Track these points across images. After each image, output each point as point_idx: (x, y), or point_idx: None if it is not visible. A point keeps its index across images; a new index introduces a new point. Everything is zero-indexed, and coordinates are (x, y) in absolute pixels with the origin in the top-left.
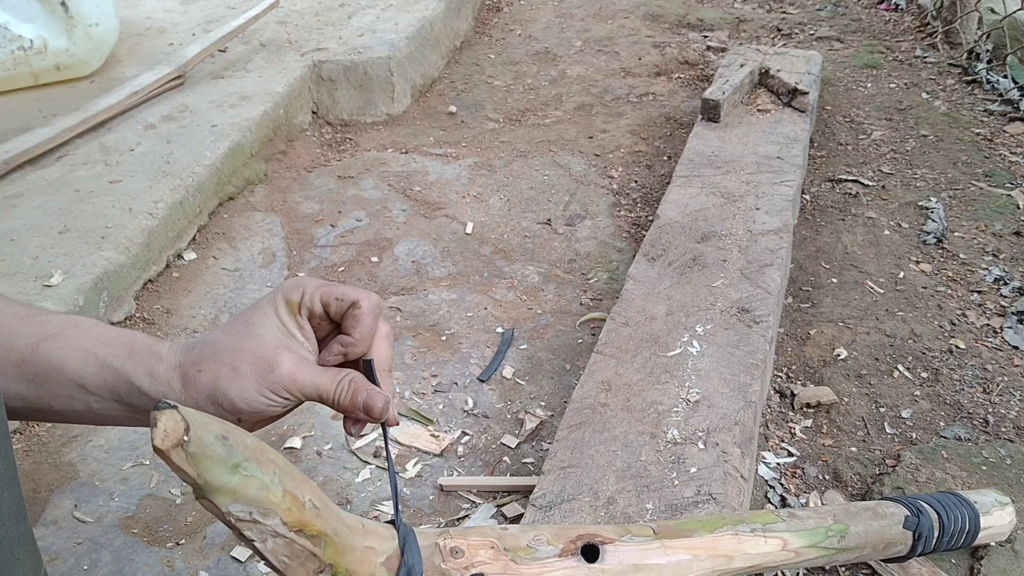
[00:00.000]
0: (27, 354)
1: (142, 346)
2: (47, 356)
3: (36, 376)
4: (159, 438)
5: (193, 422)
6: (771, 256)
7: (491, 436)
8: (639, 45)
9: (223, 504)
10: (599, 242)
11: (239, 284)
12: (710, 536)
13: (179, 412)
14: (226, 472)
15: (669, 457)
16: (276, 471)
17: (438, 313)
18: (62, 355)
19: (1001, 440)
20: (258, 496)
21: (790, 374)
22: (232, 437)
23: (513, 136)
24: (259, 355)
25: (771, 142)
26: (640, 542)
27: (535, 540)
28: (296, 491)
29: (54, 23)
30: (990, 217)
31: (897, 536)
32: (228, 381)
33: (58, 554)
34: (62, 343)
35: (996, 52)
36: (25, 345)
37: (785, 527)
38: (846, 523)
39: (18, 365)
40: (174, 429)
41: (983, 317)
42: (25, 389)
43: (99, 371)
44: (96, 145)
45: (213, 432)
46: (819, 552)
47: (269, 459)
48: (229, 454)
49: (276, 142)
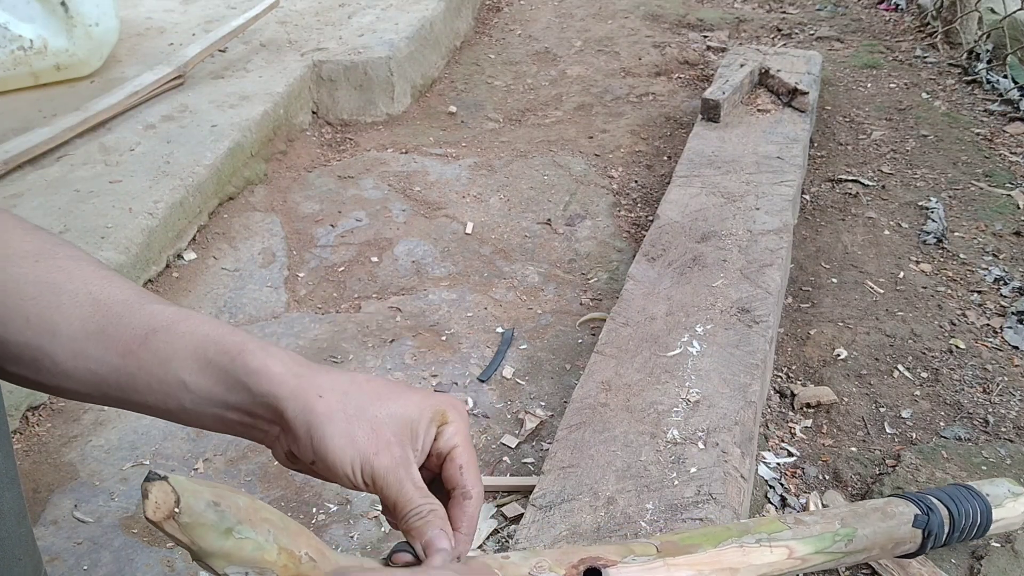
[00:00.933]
0: (134, 346)
1: (254, 343)
2: (154, 350)
3: (139, 369)
4: (151, 510)
5: (184, 492)
6: (771, 256)
7: (491, 436)
8: (639, 45)
9: (219, 567)
10: (599, 242)
11: (239, 284)
12: (714, 551)
13: (169, 483)
14: (219, 537)
15: (669, 457)
16: (271, 529)
17: (438, 313)
18: (169, 351)
19: (1001, 440)
20: (253, 557)
21: (790, 374)
22: (224, 502)
23: (513, 136)
24: (378, 432)
25: (771, 142)
26: (643, 562)
27: (537, 568)
28: (292, 546)
29: (54, 23)
30: (990, 217)
31: (906, 535)
32: (337, 428)
33: (58, 554)
34: (170, 337)
35: (996, 52)
36: (132, 337)
37: (791, 535)
38: (854, 526)
39: (123, 356)
40: (165, 501)
41: (983, 317)
42: (124, 380)
43: (204, 369)
44: (96, 145)
45: (204, 500)
46: (826, 557)
47: (263, 518)
48: (222, 519)
49: (276, 142)
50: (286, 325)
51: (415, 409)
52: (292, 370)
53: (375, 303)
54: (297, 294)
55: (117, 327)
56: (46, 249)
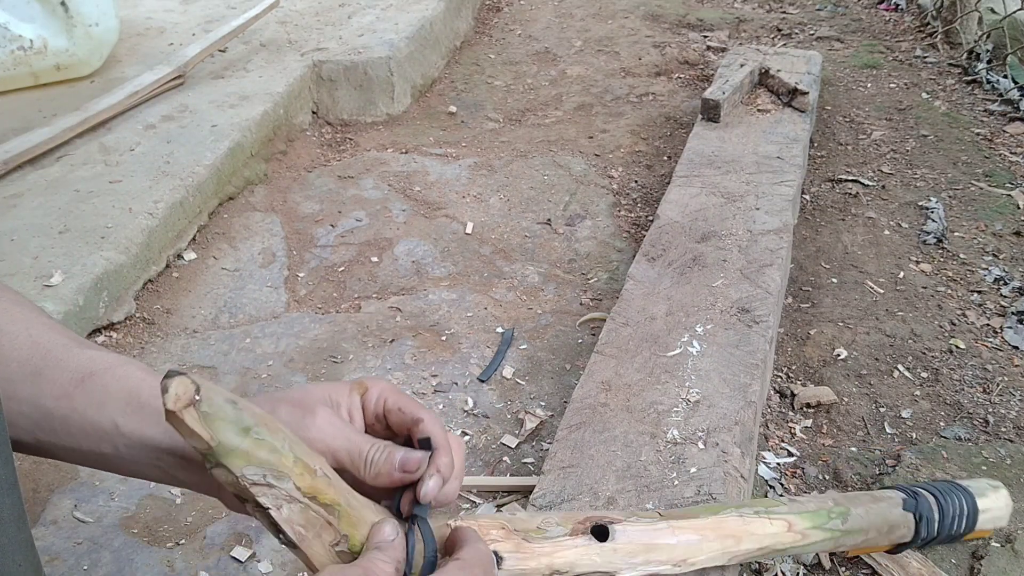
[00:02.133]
0: (70, 388)
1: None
2: (89, 392)
3: (72, 411)
4: (171, 401)
5: (203, 385)
6: (771, 256)
7: (491, 436)
8: (639, 45)
9: (237, 467)
10: (599, 242)
11: (239, 284)
12: (715, 517)
13: (189, 377)
14: (238, 434)
15: (669, 457)
16: (286, 438)
17: (438, 313)
18: (104, 394)
19: (1001, 440)
20: (270, 459)
21: (790, 374)
22: (241, 403)
23: (513, 136)
24: (299, 403)
25: (771, 142)
26: (648, 523)
27: (544, 523)
28: (307, 459)
29: (54, 23)
30: (990, 217)
31: (899, 519)
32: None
33: (58, 554)
34: (107, 380)
35: (996, 52)
36: (69, 380)
37: (787, 510)
38: (846, 505)
39: (57, 399)
40: (185, 391)
41: (983, 317)
42: (57, 424)
43: (138, 411)
44: (96, 145)
45: (223, 396)
46: (825, 534)
47: (277, 427)
48: (240, 417)
49: (276, 142)
50: (286, 325)
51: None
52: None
53: (375, 303)
54: (297, 294)
55: (54, 370)
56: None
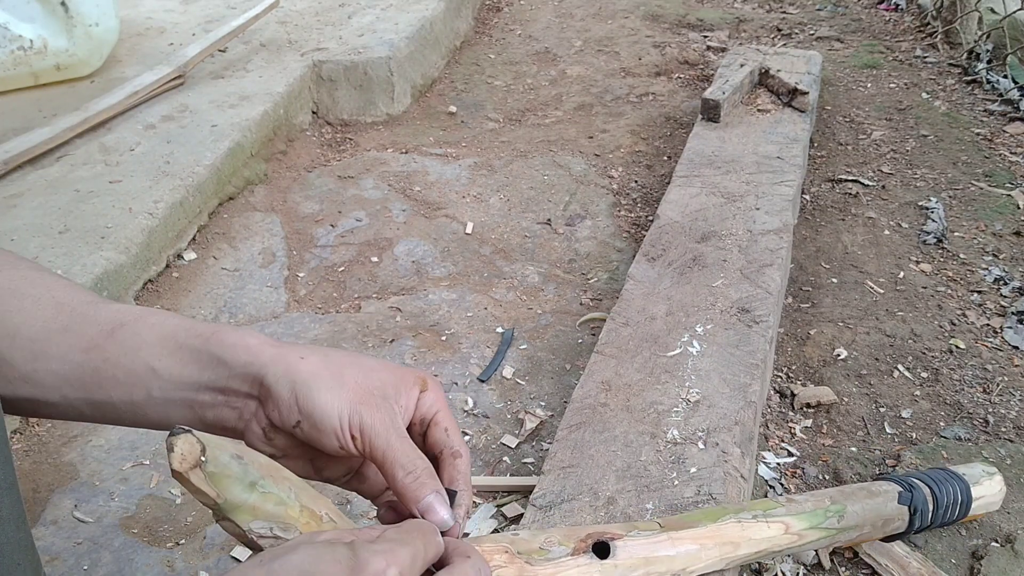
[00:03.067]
0: (100, 340)
1: (228, 326)
2: (121, 341)
3: (104, 362)
4: (177, 461)
5: (208, 443)
6: (771, 256)
7: (491, 436)
8: (639, 45)
9: (244, 522)
10: (599, 242)
11: (239, 284)
12: (714, 525)
13: (194, 435)
14: (244, 490)
15: (669, 457)
16: (292, 487)
17: (438, 313)
18: (138, 341)
19: (1001, 440)
20: (277, 512)
21: (790, 374)
22: (247, 456)
23: (513, 136)
24: (366, 386)
25: (771, 142)
26: (648, 535)
27: (547, 542)
28: (313, 506)
29: (54, 23)
30: (990, 217)
31: (894, 512)
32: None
33: (58, 554)
34: (139, 328)
35: (996, 52)
36: (99, 332)
37: (785, 511)
38: (843, 503)
39: (87, 351)
40: (191, 451)
41: (983, 317)
42: (87, 376)
43: (175, 352)
44: (96, 145)
45: (228, 452)
46: (821, 533)
47: (284, 476)
48: (245, 472)
49: (276, 142)
50: (286, 325)
51: (396, 372)
52: (268, 341)
53: (375, 303)
54: (297, 294)
55: (82, 324)
56: (10, 260)
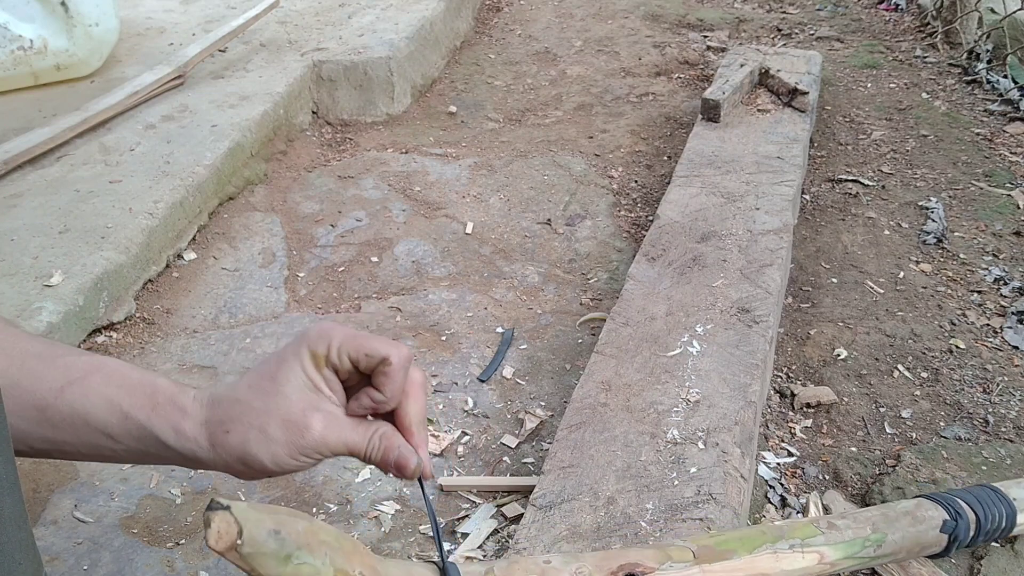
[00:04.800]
0: (51, 399)
1: (165, 396)
2: (71, 403)
3: (61, 422)
4: (213, 539)
5: (246, 522)
6: (771, 256)
7: (491, 436)
8: (639, 45)
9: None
10: (599, 242)
11: (239, 284)
12: (749, 557)
13: (231, 514)
14: (279, 564)
15: (669, 457)
16: (327, 552)
17: (438, 313)
18: (86, 404)
19: (1001, 440)
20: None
21: (790, 374)
22: (284, 529)
23: (513, 136)
24: (288, 418)
25: (771, 142)
26: (680, 568)
27: (577, 572)
28: (346, 566)
29: (54, 23)
30: (990, 217)
31: (933, 540)
32: (258, 444)
33: (58, 554)
34: (86, 390)
35: (996, 52)
36: (48, 390)
37: (823, 540)
38: (884, 532)
39: (42, 410)
40: (227, 531)
41: (983, 317)
42: (50, 432)
43: (123, 422)
44: (96, 145)
45: (266, 529)
46: (854, 562)
47: (321, 540)
48: (282, 547)
49: (276, 142)
50: (286, 325)
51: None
52: (200, 418)
53: (375, 303)
54: (297, 294)
55: (32, 380)
56: None
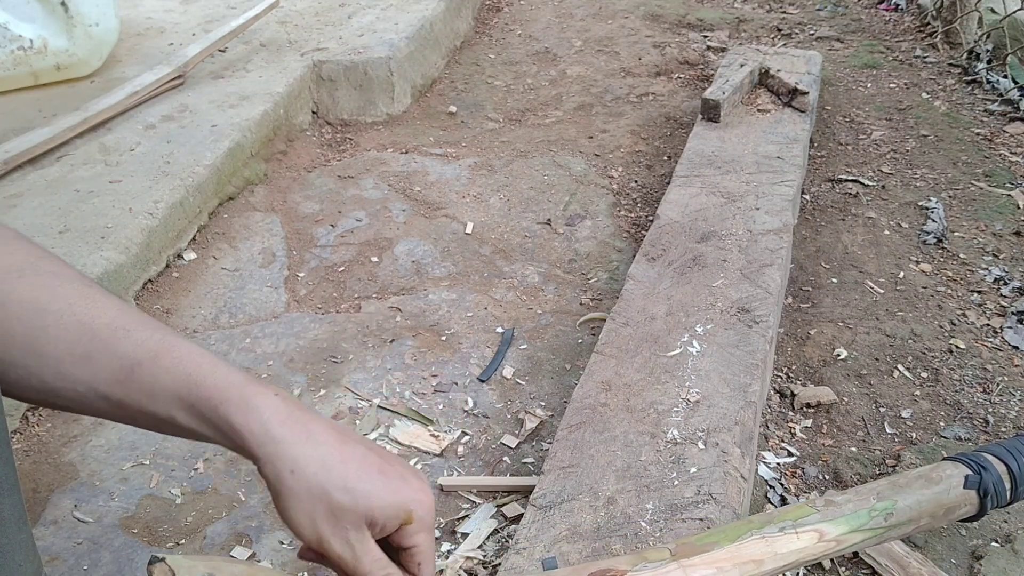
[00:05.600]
0: (121, 376)
1: (236, 391)
2: (139, 383)
3: (127, 397)
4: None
5: (179, 569)
6: (771, 256)
7: (491, 436)
8: (639, 45)
9: None
10: (599, 242)
11: (239, 284)
12: (733, 546)
13: (167, 564)
14: None
15: (669, 457)
16: None
17: (438, 313)
18: (155, 386)
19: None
20: None
21: (790, 374)
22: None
23: (513, 136)
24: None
25: (771, 142)
26: (656, 567)
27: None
28: None
29: (54, 23)
30: (990, 217)
31: (958, 499)
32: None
33: (58, 554)
34: (155, 372)
35: (996, 52)
36: (119, 367)
37: (819, 518)
38: (892, 499)
39: (110, 385)
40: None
41: (983, 317)
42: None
43: (189, 410)
44: (96, 145)
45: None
46: (865, 535)
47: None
48: None
49: (276, 142)
50: (286, 325)
51: (380, 506)
52: (271, 432)
53: (375, 303)
54: (297, 294)
55: (103, 355)
56: (29, 263)
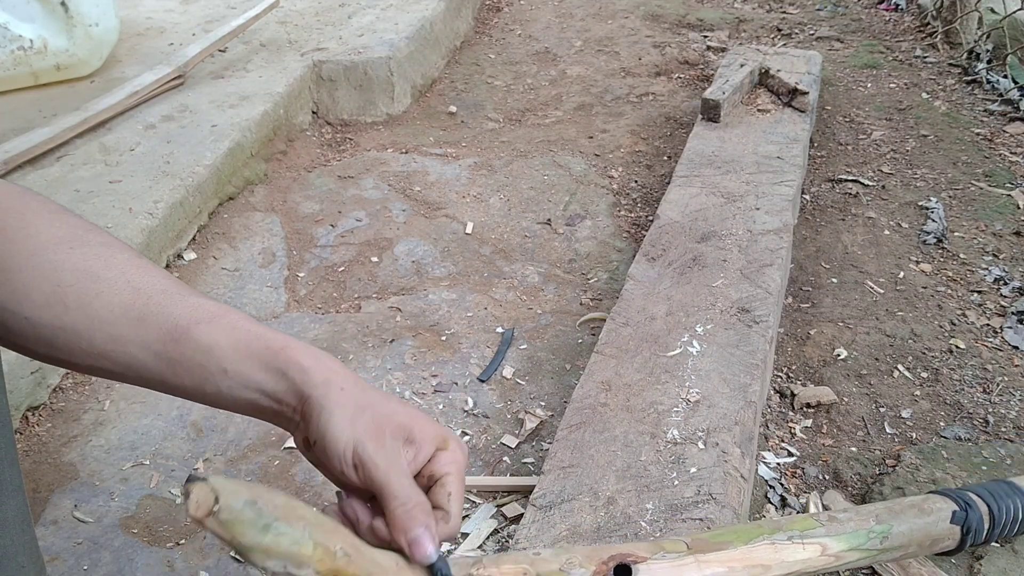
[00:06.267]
0: (177, 335)
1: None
2: (197, 339)
3: (180, 356)
4: (192, 508)
5: (222, 491)
6: (771, 256)
7: (491, 436)
8: (639, 45)
9: (259, 560)
10: (599, 242)
11: (239, 284)
12: (746, 547)
13: (208, 484)
14: (258, 533)
15: (669, 457)
16: (306, 526)
17: (438, 313)
18: (212, 341)
19: (1001, 440)
20: (290, 551)
21: (790, 374)
22: (261, 500)
23: (513, 136)
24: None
25: (771, 142)
26: (673, 559)
27: (567, 564)
28: (327, 542)
29: (54, 23)
30: (990, 217)
31: (943, 532)
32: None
33: (58, 554)
34: (215, 329)
35: (996, 52)
36: (175, 327)
37: (824, 532)
38: (889, 523)
39: (164, 343)
40: (205, 500)
41: (983, 317)
42: (162, 364)
43: (247, 359)
44: (96, 145)
45: (242, 499)
46: (861, 554)
47: (299, 515)
48: (259, 516)
49: (276, 142)
50: (286, 325)
51: (421, 425)
52: (327, 365)
53: (375, 303)
54: (297, 294)
55: (158, 315)
56: (78, 235)
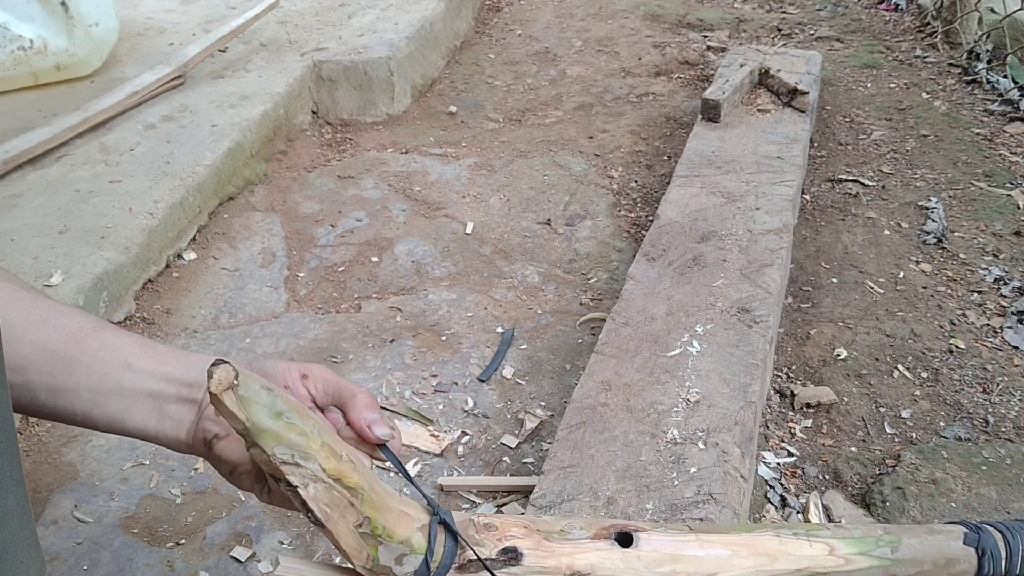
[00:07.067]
0: (80, 334)
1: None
2: (102, 338)
3: (82, 352)
4: (214, 384)
5: (243, 373)
6: (771, 256)
7: (491, 436)
8: (639, 45)
9: (268, 446)
10: (599, 242)
11: (239, 284)
12: (749, 535)
13: (231, 365)
14: (270, 417)
15: (669, 457)
16: (316, 425)
17: (438, 313)
18: (118, 340)
19: (1001, 440)
20: (299, 441)
21: (790, 374)
22: (276, 390)
23: (513, 136)
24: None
25: (771, 142)
26: (675, 534)
27: (568, 526)
28: (334, 444)
29: (54, 23)
30: (990, 217)
31: (959, 552)
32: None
33: (58, 554)
34: (119, 333)
35: (996, 52)
36: (79, 328)
37: (830, 534)
38: (897, 535)
39: (67, 342)
40: (226, 377)
41: (983, 317)
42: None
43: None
44: (96, 145)
45: (259, 383)
46: (872, 561)
47: (309, 415)
48: (273, 402)
49: (276, 142)
50: (286, 325)
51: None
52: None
53: (375, 303)
54: (297, 294)
55: (61, 318)
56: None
